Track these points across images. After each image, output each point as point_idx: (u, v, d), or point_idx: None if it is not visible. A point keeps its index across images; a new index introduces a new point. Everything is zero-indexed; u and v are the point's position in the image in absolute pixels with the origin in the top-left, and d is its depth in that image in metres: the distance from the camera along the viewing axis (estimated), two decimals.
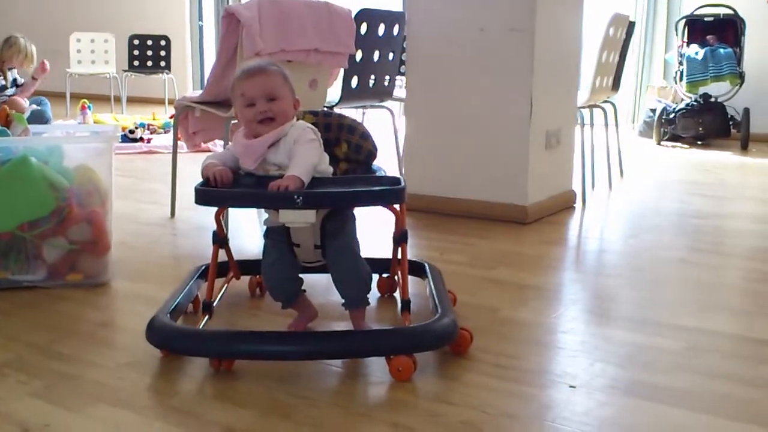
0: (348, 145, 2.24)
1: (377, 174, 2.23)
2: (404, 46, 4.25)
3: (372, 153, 2.25)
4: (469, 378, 1.86)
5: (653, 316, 2.33)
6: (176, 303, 2.11)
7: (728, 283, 2.76)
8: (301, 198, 1.84)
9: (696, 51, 6.64)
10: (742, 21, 6.63)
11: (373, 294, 2.39)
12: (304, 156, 1.96)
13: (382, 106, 4.47)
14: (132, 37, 8.75)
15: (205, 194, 1.95)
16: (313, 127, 2.07)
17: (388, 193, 1.98)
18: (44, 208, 2.51)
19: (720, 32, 6.76)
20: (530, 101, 3.49)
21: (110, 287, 2.59)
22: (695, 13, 6.84)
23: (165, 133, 6.57)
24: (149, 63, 8.76)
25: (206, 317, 2.12)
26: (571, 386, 1.82)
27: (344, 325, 2.15)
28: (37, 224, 2.52)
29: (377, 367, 1.90)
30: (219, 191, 1.97)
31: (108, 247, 2.64)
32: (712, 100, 6.61)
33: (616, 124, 4.99)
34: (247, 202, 2.10)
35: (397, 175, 4.11)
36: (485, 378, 1.87)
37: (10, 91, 6.45)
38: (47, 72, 6.38)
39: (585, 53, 4.22)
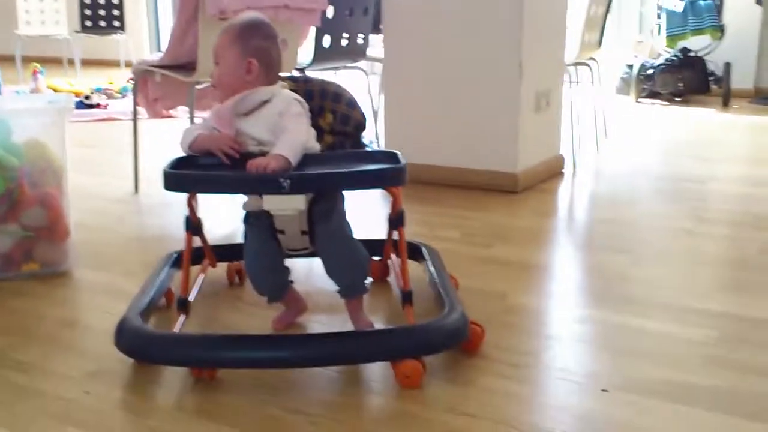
0: (333, 115, 1.99)
1: (368, 148, 2.00)
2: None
3: (361, 123, 2.01)
4: (485, 382, 1.65)
5: (674, 300, 2.13)
6: (148, 300, 1.86)
7: (744, 257, 2.56)
8: (288, 182, 1.60)
9: (675, 3, 6.43)
10: None
11: None
12: (291, 132, 1.72)
13: (356, 67, 4.21)
14: None
15: (176, 179, 1.70)
16: (300, 97, 1.82)
17: (388, 173, 1.73)
18: None
19: None
20: (519, 60, 3.25)
21: (71, 277, 2.34)
22: None
23: (123, 98, 6.23)
24: (102, 23, 8.34)
25: (183, 316, 1.88)
26: (603, 390, 1.61)
27: (337, 318, 1.93)
28: None
29: (379, 372, 1.68)
30: (191, 175, 1.73)
31: (67, 232, 2.39)
32: (692, 54, 6.42)
33: (600, 83, 4.78)
34: (227, 188, 1.84)
35: (374, 141, 3.89)
36: (503, 381, 1.65)
37: None
38: None
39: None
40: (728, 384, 1.65)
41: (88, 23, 8.30)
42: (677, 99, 6.46)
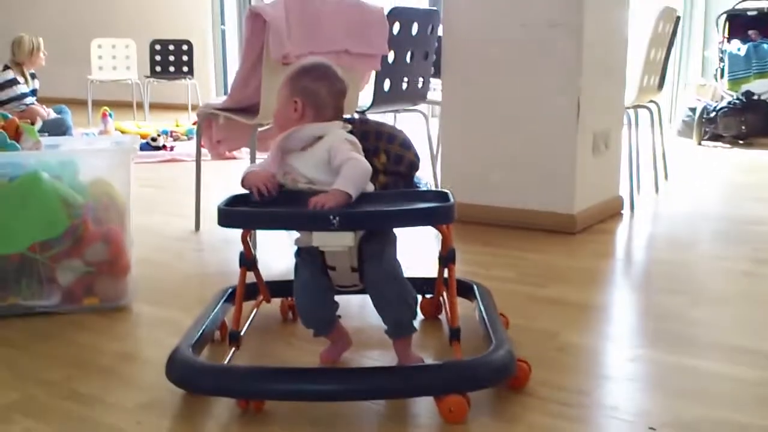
0: (387, 155, 2.02)
1: (421, 188, 2.02)
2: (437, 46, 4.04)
3: (414, 164, 2.04)
4: (532, 419, 1.64)
5: (729, 341, 2.10)
6: (200, 333, 1.90)
7: None
8: (337, 219, 1.63)
9: (738, 47, 6.37)
10: None
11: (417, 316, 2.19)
12: (353, 164, 1.75)
13: (415, 110, 4.25)
14: (153, 43, 8.60)
15: (228, 215, 1.75)
16: (352, 137, 1.86)
17: (437, 211, 1.75)
18: (57, 228, 2.33)
19: (763, 27, 6.47)
20: (577, 102, 3.26)
21: (131, 312, 2.39)
22: (737, 7, 6.55)
23: (188, 140, 6.40)
24: (171, 68, 8.60)
25: (233, 349, 1.91)
26: (651, 429, 1.59)
27: (385, 354, 1.94)
28: (49, 245, 2.33)
29: (425, 406, 1.68)
30: (244, 212, 1.77)
31: (127, 268, 2.45)
32: (755, 97, 6.32)
33: (660, 125, 4.74)
34: (277, 224, 1.89)
35: (432, 183, 3.91)
36: (550, 419, 1.64)
37: (29, 99, 6.29)
38: None
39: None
40: None
41: (158, 68, 8.56)
42: (740, 142, 6.35)
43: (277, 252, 2.91)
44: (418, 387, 1.67)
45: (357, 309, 2.25)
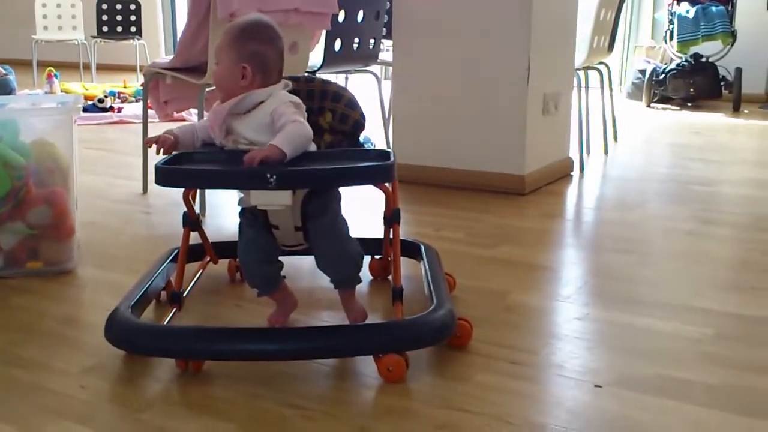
0: (333, 114, 1.99)
1: (365, 147, 2.01)
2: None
3: (359, 123, 2.01)
4: (481, 378, 1.65)
5: (672, 299, 2.13)
6: (141, 294, 1.87)
7: (744, 258, 2.57)
8: (275, 177, 1.60)
9: (687, 9, 6.41)
10: None
11: (366, 277, 2.19)
12: (293, 125, 1.71)
13: (367, 71, 4.22)
14: (100, 2, 8.39)
15: (165, 173, 1.69)
16: (297, 98, 1.82)
17: (375, 170, 1.73)
18: None
19: None
20: (527, 63, 3.25)
21: (76, 275, 2.35)
22: None
23: (136, 101, 6.28)
24: (119, 28, 8.40)
25: (174, 310, 1.90)
26: (596, 386, 1.61)
27: (335, 315, 1.94)
28: None
29: (371, 365, 1.68)
30: (181, 170, 1.73)
31: (71, 231, 2.40)
32: (704, 60, 6.40)
33: (610, 87, 4.77)
34: (215, 183, 1.86)
35: (384, 146, 3.90)
36: (498, 377, 1.66)
37: None
38: None
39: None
40: (721, 380, 1.65)
41: (105, 28, 8.37)
42: (688, 104, 6.45)
43: (228, 214, 2.88)
44: (355, 346, 1.67)
45: (308, 270, 2.23)
